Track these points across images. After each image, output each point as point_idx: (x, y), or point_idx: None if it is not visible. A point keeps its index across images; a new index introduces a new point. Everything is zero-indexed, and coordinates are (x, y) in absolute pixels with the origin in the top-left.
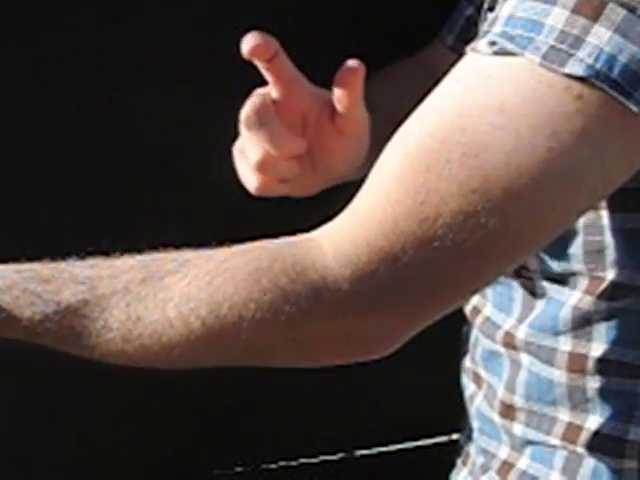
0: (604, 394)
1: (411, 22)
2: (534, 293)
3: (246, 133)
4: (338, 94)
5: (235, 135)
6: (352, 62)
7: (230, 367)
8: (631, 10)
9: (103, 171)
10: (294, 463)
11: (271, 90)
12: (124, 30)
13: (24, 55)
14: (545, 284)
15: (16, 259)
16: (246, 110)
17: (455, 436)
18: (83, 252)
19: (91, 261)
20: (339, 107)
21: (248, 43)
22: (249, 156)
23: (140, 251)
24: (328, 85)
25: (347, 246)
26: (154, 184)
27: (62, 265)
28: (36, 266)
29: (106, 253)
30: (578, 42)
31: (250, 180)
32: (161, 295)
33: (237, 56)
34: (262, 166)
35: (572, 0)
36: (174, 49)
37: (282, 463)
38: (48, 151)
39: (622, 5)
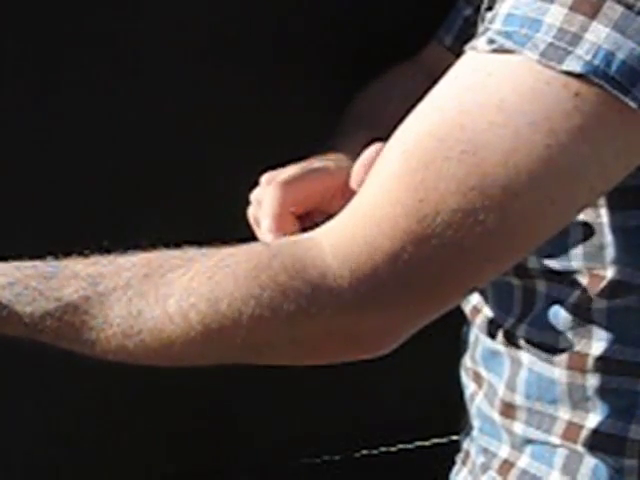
0: (604, 392)
1: (411, 22)
2: (534, 292)
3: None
4: (359, 178)
5: (236, 136)
6: (378, 146)
7: (230, 367)
8: (629, 7)
9: (104, 170)
10: (294, 463)
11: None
12: (126, 30)
13: (25, 55)
14: (545, 283)
15: (18, 257)
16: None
17: (455, 436)
18: (85, 250)
19: (93, 259)
20: (357, 189)
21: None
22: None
23: (142, 249)
24: (328, 83)
25: (346, 244)
26: (155, 184)
27: (64, 262)
28: (38, 263)
29: (108, 251)
30: (576, 39)
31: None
32: (162, 291)
33: (238, 56)
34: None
35: None
36: (175, 49)
37: (282, 463)
38: (49, 150)
39: (620, 2)
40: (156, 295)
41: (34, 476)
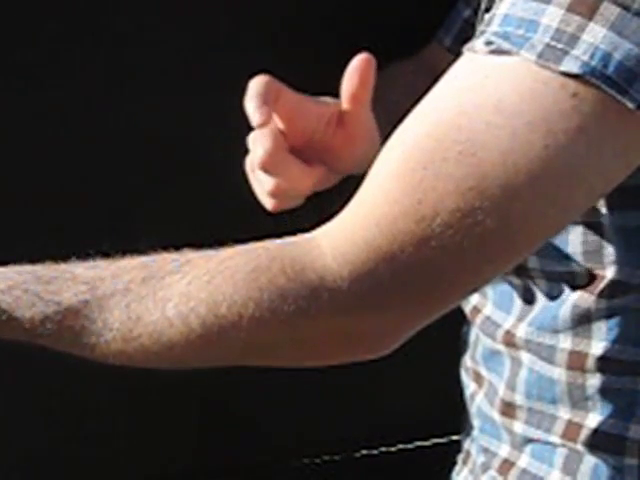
0: (604, 392)
1: (410, 22)
2: (534, 292)
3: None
4: (349, 86)
5: (235, 136)
6: (363, 55)
7: (230, 367)
8: (625, 8)
9: (103, 173)
10: (294, 463)
11: (277, 121)
12: (125, 30)
13: (24, 55)
14: (544, 282)
15: (18, 261)
16: (261, 157)
17: (455, 436)
18: (84, 254)
19: (92, 262)
20: (347, 105)
21: (255, 118)
22: (263, 184)
23: (141, 252)
24: (327, 84)
25: (346, 245)
26: (154, 186)
27: (63, 266)
28: (37, 268)
29: (107, 255)
30: (573, 40)
31: (265, 201)
32: (161, 295)
33: (238, 57)
34: (277, 194)
35: None
36: (174, 48)
37: (282, 463)
38: (48, 153)
39: (616, 3)
40: (155, 299)
41: (35, 476)
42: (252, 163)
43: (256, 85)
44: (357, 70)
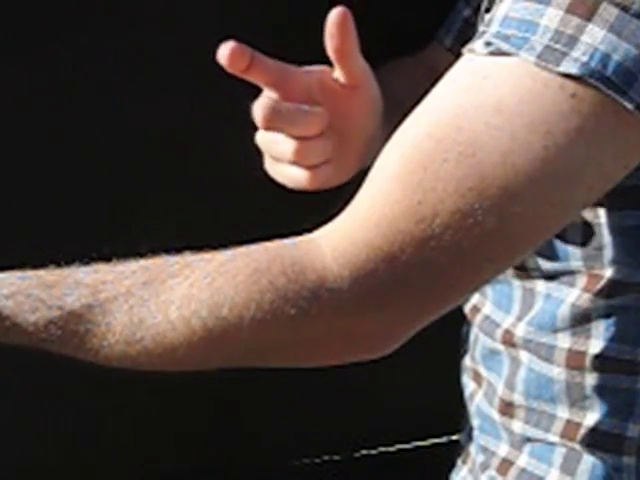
0: (602, 391)
1: (411, 22)
2: (533, 291)
3: (270, 138)
4: (332, 42)
5: (236, 138)
6: (337, 9)
7: (230, 367)
8: (624, 9)
9: (104, 176)
10: (294, 463)
11: (268, 93)
12: (124, 30)
13: (24, 57)
14: (543, 282)
15: (20, 266)
16: (260, 113)
17: (455, 436)
18: (86, 258)
19: (94, 266)
20: (337, 62)
21: (223, 57)
22: (285, 152)
23: (142, 255)
24: None
25: (346, 246)
26: (155, 188)
27: (66, 271)
28: (40, 272)
29: (109, 258)
30: (572, 41)
31: (301, 178)
32: (163, 297)
33: None
34: (301, 152)
35: (566, 0)
36: (174, 49)
37: (283, 463)
38: (48, 157)
39: (615, 4)
40: (157, 302)
41: (34, 476)
42: (268, 160)
43: (226, 46)
44: (336, 25)
